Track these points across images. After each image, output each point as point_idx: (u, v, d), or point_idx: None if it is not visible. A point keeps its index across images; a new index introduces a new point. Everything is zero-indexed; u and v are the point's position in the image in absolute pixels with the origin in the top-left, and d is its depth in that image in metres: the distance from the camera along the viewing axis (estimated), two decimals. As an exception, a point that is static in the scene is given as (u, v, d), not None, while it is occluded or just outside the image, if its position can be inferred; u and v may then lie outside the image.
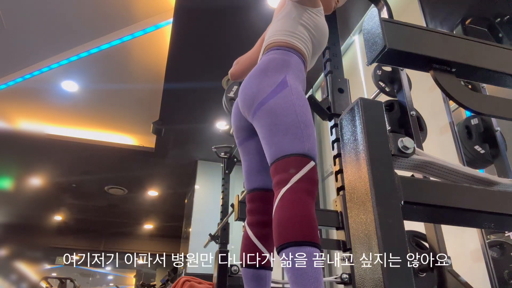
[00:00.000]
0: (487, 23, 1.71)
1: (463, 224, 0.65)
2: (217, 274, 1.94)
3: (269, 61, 1.18)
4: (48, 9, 3.52)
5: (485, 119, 1.66)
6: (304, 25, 1.26)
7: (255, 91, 1.12)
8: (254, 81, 1.15)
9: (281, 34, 1.26)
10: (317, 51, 1.34)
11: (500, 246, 1.43)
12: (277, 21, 1.32)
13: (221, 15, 3.16)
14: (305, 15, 1.27)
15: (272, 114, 1.06)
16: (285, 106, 1.06)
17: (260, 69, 1.17)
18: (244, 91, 1.17)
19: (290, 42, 1.23)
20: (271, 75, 1.13)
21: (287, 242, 0.87)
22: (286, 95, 1.08)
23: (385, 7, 1.66)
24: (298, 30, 1.25)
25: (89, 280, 12.61)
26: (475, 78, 0.69)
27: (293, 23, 1.26)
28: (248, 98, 1.13)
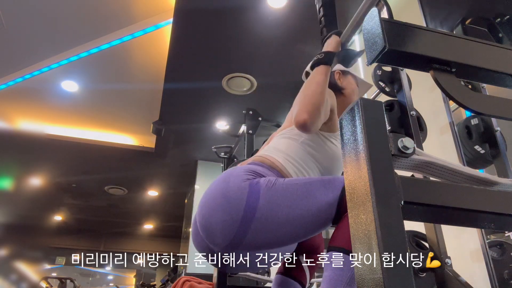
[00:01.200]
0: (487, 23, 1.70)
1: (463, 224, 0.65)
2: (217, 274, 1.94)
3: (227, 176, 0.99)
4: (48, 9, 3.52)
5: (485, 119, 1.66)
6: (312, 153, 1.10)
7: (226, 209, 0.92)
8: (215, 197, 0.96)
9: (277, 154, 1.09)
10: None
11: (500, 246, 1.43)
12: (282, 138, 1.15)
13: (221, 16, 3.16)
14: (316, 142, 1.11)
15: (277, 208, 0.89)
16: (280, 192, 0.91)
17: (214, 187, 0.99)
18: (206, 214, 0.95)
19: (281, 167, 1.06)
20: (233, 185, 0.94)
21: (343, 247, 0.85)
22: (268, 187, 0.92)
23: (385, 7, 1.66)
24: (300, 158, 1.09)
25: (89, 280, 12.61)
26: (475, 78, 0.69)
27: (298, 149, 1.10)
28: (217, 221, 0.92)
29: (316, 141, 1.11)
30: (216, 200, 0.95)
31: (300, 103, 1.01)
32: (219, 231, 0.92)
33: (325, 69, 1.06)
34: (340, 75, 1.32)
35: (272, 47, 3.43)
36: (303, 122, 0.98)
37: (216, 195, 0.95)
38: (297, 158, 1.08)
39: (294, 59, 3.51)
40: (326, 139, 1.13)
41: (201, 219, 0.97)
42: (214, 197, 0.95)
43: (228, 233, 0.91)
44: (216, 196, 0.95)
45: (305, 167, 1.08)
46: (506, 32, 1.64)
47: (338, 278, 0.83)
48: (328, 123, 1.12)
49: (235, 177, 0.96)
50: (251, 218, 0.89)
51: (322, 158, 1.11)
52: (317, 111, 0.99)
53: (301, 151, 1.09)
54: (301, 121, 0.98)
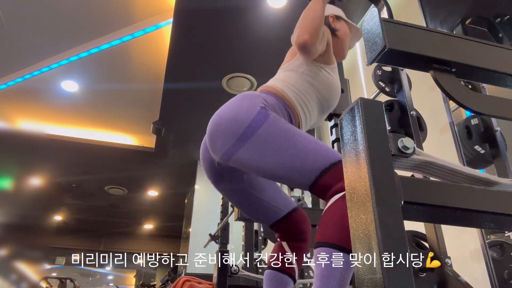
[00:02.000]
0: (487, 23, 1.70)
1: (463, 224, 0.66)
2: (217, 274, 1.94)
3: (245, 96, 1.11)
4: (48, 9, 3.52)
5: (485, 119, 1.66)
6: (311, 83, 1.20)
7: (231, 124, 1.03)
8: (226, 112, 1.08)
9: (280, 83, 1.19)
10: (325, 109, 1.28)
11: (500, 246, 1.43)
12: (284, 70, 1.25)
13: (221, 15, 3.16)
14: (315, 72, 1.20)
15: (270, 141, 0.98)
16: (281, 131, 0.99)
17: (232, 101, 1.10)
18: (214, 124, 1.09)
19: (285, 95, 1.16)
20: (246, 106, 1.05)
21: (334, 243, 0.85)
22: (274, 123, 1.01)
23: (385, 7, 1.66)
24: (301, 87, 1.19)
25: (89, 280, 12.61)
26: (475, 78, 0.69)
27: (299, 79, 1.20)
28: (221, 131, 1.05)
29: (314, 71, 1.21)
30: (226, 115, 1.07)
31: (301, 27, 1.12)
32: (221, 139, 1.05)
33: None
34: (334, 19, 1.39)
35: (272, 47, 3.43)
36: (304, 43, 1.07)
37: (228, 110, 1.08)
38: (297, 86, 1.19)
39: (294, 59, 3.50)
40: (323, 69, 1.22)
41: (210, 128, 1.11)
42: (226, 111, 1.08)
43: (226, 143, 1.03)
44: (228, 111, 1.08)
45: (305, 94, 1.19)
46: (506, 32, 1.64)
47: (329, 276, 0.83)
48: (324, 56, 1.22)
49: (249, 101, 1.07)
50: (247, 138, 1.00)
51: (319, 87, 1.21)
52: (316, 33, 1.09)
53: (301, 80, 1.20)
54: (302, 42, 1.08)
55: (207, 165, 1.20)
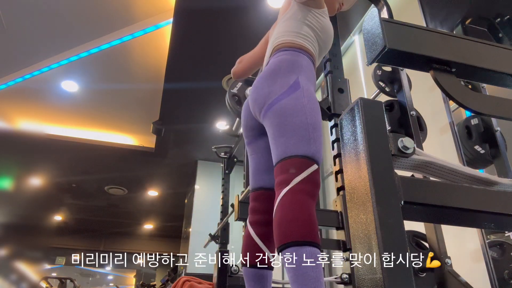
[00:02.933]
0: (487, 23, 1.71)
1: (463, 224, 0.66)
2: (217, 274, 1.94)
3: (280, 62, 1.19)
4: (48, 9, 3.52)
5: (485, 119, 1.66)
6: (310, 26, 1.28)
7: (267, 92, 1.13)
8: (266, 81, 1.16)
9: (288, 35, 1.27)
10: (323, 51, 1.36)
11: (500, 246, 1.43)
12: (283, 22, 1.33)
13: (221, 15, 3.16)
14: (310, 16, 1.29)
15: (282, 115, 1.07)
16: (296, 107, 1.07)
17: (272, 69, 1.19)
18: (256, 91, 1.19)
19: (298, 43, 1.25)
20: (283, 76, 1.14)
21: (288, 242, 0.87)
22: (298, 97, 1.09)
23: (385, 7, 1.66)
24: (304, 30, 1.27)
25: (89, 280, 12.61)
26: (475, 78, 0.69)
27: (299, 24, 1.28)
28: (260, 98, 1.15)
29: (309, 15, 1.29)
30: (268, 77, 1.17)
31: None
32: (266, 95, 1.13)
33: None
34: None
35: (272, 47, 3.43)
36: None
37: (270, 73, 1.17)
38: (303, 31, 1.27)
39: (294, 59, 3.50)
40: (316, 13, 1.30)
41: (255, 89, 1.20)
42: (269, 74, 1.18)
43: (271, 96, 1.11)
44: (269, 74, 1.17)
45: (310, 37, 1.27)
46: (506, 32, 1.64)
47: (304, 274, 0.83)
48: (315, 0, 1.30)
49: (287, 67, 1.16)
50: (276, 103, 1.09)
51: (317, 28, 1.29)
52: None
53: (303, 25, 1.28)
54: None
55: (249, 121, 1.28)
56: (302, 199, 0.94)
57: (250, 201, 1.26)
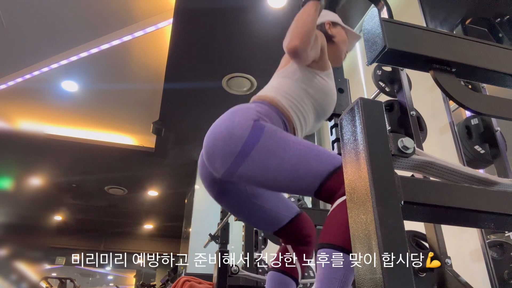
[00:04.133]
0: (487, 23, 1.71)
1: (463, 224, 0.66)
2: (217, 274, 1.94)
3: (237, 110, 1.07)
4: (48, 9, 3.52)
5: (485, 119, 1.66)
6: (306, 89, 1.18)
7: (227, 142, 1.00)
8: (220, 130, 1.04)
9: (275, 91, 1.17)
10: (321, 116, 1.26)
11: (500, 246, 1.43)
12: (278, 77, 1.23)
13: (221, 15, 3.16)
14: (309, 79, 1.18)
15: (270, 154, 0.96)
16: (279, 142, 0.98)
17: (224, 117, 1.07)
18: (210, 144, 1.05)
19: (279, 103, 1.13)
20: (239, 121, 1.01)
21: (337, 245, 0.85)
22: (271, 135, 0.99)
23: (385, 7, 1.66)
24: (296, 94, 1.16)
25: (89, 280, 12.61)
26: (475, 78, 0.69)
27: (293, 86, 1.17)
28: (219, 150, 1.02)
29: (308, 78, 1.18)
30: (221, 132, 1.03)
31: (292, 31, 1.08)
32: (219, 159, 1.02)
33: (314, 3, 1.13)
34: (330, 26, 1.37)
35: (272, 47, 3.43)
36: (295, 49, 1.04)
37: (222, 128, 1.04)
38: (292, 94, 1.16)
39: (294, 59, 3.51)
40: (318, 76, 1.20)
41: (206, 148, 1.07)
42: (220, 129, 1.04)
43: (225, 162, 1.00)
44: (222, 129, 1.04)
45: (301, 102, 1.16)
46: (506, 32, 1.64)
47: (332, 277, 0.83)
48: (319, 62, 1.19)
49: (242, 115, 1.04)
50: (246, 155, 0.98)
51: (315, 93, 1.19)
52: (307, 38, 1.05)
53: (296, 87, 1.17)
54: (292, 47, 1.04)
55: (208, 182, 1.17)
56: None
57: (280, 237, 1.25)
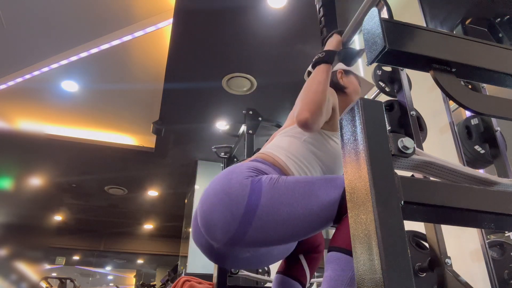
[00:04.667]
0: (487, 23, 1.70)
1: (463, 224, 0.65)
2: (217, 274, 1.94)
3: (230, 171, 0.98)
4: (48, 9, 3.52)
5: (485, 119, 1.66)
6: (314, 152, 1.10)
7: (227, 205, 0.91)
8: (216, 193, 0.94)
9: (280, 151, 1.09)
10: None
11: (500, 246, 1.43)
12: (285, 136, 1.15)
13: (221, 16, 3.16)
14: (319, 141, 1.11)
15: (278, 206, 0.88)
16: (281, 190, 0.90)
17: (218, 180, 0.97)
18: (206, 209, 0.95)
19: (283, 164, 1.05)
20: (236, 180, 0.93)
21: (343, 248, 0.85)
22: (270, 184, 0.92)
23: (385, 7, 1.66)
24: (302, 156, 1.08)
25: (89, 280, 12.62)
26: (475, 78, 0.69)
27: (300, 147, 1.09)
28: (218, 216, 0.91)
29: (318, 140, 1.11)
30: (217, 196, 0.93)
31: (302, 101, 1.02)
32: (220, 227, 0.91)
33: (326, 67, 1.07)
34: (342, 75, 1.33)
35: (272, 47, 3.43)
36: (305, 121, 0.98)
37: (217, 192, 0.94)
38: (299, 156, 1.08)
39: (294, 59, 3.51)
40: (328, 138, 1.13)
41: (202, 215, 0.96)
42: (216, 193, 0.94)
43: (228, 229, 0.90)
44: (218, 193, 0.94)
45: (307, 165, 1.08)
46: (506, 32, 1.64)
47: (338, 279, 0.84)
48: (330, 122, 1.12)
49: (237, 174, 0.95)
50: (252, 215, 0.88)
51: (324, 157, 1.11)
52: (318, 109, 1.00)
53: (303, 149, 1.09)
54: (303, 120, 0.98)
55: (205, 249, 1.03)
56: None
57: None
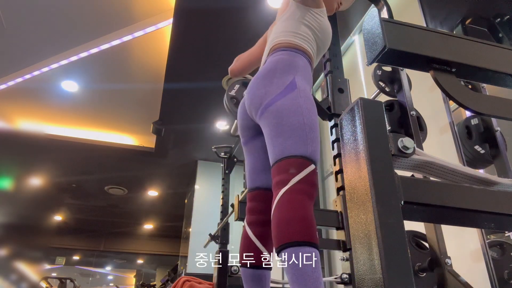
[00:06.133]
0: (487, 23, 1.71)
1: (463, 224, 0.66)
2: (217, 274, 1.94)
3: (277, 62, 1.19)
4: (48, 9, 3.52)
5: (485, 119, 1.66)
6: (308, 25, 1.28)
7: (263, 92, 1.12)
8: (263, 81, 1.16)
9: (286, 34, 1.27)
10: (321, 51, 1.35)
11: (500, 246, 1.43)
12: (281, 22, 1.33)
13: (221, 15, 3.16)
14: (308, 16, 1.28)
15: (279, 115, 1.06)
16: (293, 108, 1.06)
17: (269, 69, 1.18)
18: (252, 91, 1.18)
19: (295, 43, 1.24)
20: (280, 76, 1.14)
21: (286, 243, 0.87)
22: (294, 97, 1.09)
23: (385, 7, 1.66)
24: (302, 30, 1.27)
25: (89, 280, 12.62)
26: (475, 78, 0.69)
27: (297, 24, 1.28)
28: (256, 98, 1.14)
29: (307, 15, 1.29)
30: (265, 77, 1.16)
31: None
32: (263, 95, 1.13)
33: None
34: None
35: (272, 47, 3.43)
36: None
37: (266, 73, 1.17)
38: (301, 32, 1.27)
39: (294, 59, 3.51)
40: (315, 13, 1.30)
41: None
42: (265, 74, 1.18)
43: (268, 96, 1.11)
44: (266, 74, 1.17)
45: (308, 37, 1.27)
46: (506, 32, 1.64)
47: (302, 276, 0.83)
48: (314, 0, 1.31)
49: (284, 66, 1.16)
50: (272, 103, 1.09)
51: (316, 28, 1.29)
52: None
53: (301, 25, 1.28)
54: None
55: (245, 121, 1.26)
56: (300, 199, 0.94)
57: (248, 201, 1.25)
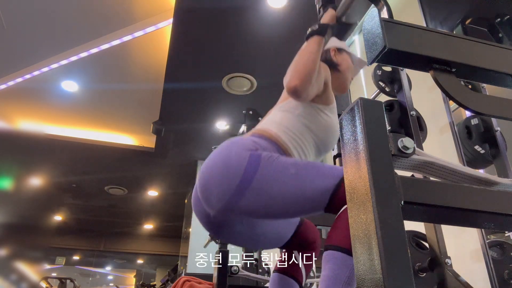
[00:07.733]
0: (487, 23, 1.70)
1: (463, 224, 0.66)
2: (217, 274, 1.94)
3: (232, 142, 1.03)
4: (48, 9, 3.52)
5: (485, 119, 1.66)
6: (307, 125, 1.13)
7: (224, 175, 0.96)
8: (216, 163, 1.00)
9: (275, 126, 1.12)
10: (322, 151, 1.22)
11: (500, 246, 1.43)
12: (279, 111, 1.18)
13: (221, 15, 3.16)
14: (311, 114, 1.14)
15: (271, 183, 0.93)
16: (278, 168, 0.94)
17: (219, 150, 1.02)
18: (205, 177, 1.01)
19: (278, 138, 1.09)
20: (235, 152, 0.98)
21: (344, 247, 0.85)
22: (268, 161, 0.96)
23: (385, 7, 1.66)
24: (296, 129, 1.12)
25: (89, 280, 12.62)
26: (475, 78, 0.69)
27: (294, 121, 1.13)
28: (215, 184, 0.97)
29: (311, 113, 1.14)
30: (217, 165, 1.00)
31: (292, 70, 1.04)
32: (215, 194, 0.97)
33: (318, 39, 1.08)
34: (335, 52, 1.33)
35: (272, 47, 3.43)
36: (294, 88, 1.00)
37: (217, 161, 1.01)
38: (293, 129, 1.12)
39: (294, 59, 3.51)
40: (321, 111, 1.15)
41: (201, 181, 1.03)
42: (216, 162, 1.01)
43: (223, 196, 0.95)
44: (217, 162, 1.00)
45: (301, 138, 1.12)
46: (506, 32, 1.64)
47: (336, 278, 0.84)
48: (322, 96, 1.15)
49: (238, 146, 1.01)
50: (247, 186, 0.93)
51: (317, 130, 1.15)
52: (308, 78, 1.01)
53: (297, 123, 1.13)
54: (292, 87, 1.00)
55: (203, 217, 1.11)
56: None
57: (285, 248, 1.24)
